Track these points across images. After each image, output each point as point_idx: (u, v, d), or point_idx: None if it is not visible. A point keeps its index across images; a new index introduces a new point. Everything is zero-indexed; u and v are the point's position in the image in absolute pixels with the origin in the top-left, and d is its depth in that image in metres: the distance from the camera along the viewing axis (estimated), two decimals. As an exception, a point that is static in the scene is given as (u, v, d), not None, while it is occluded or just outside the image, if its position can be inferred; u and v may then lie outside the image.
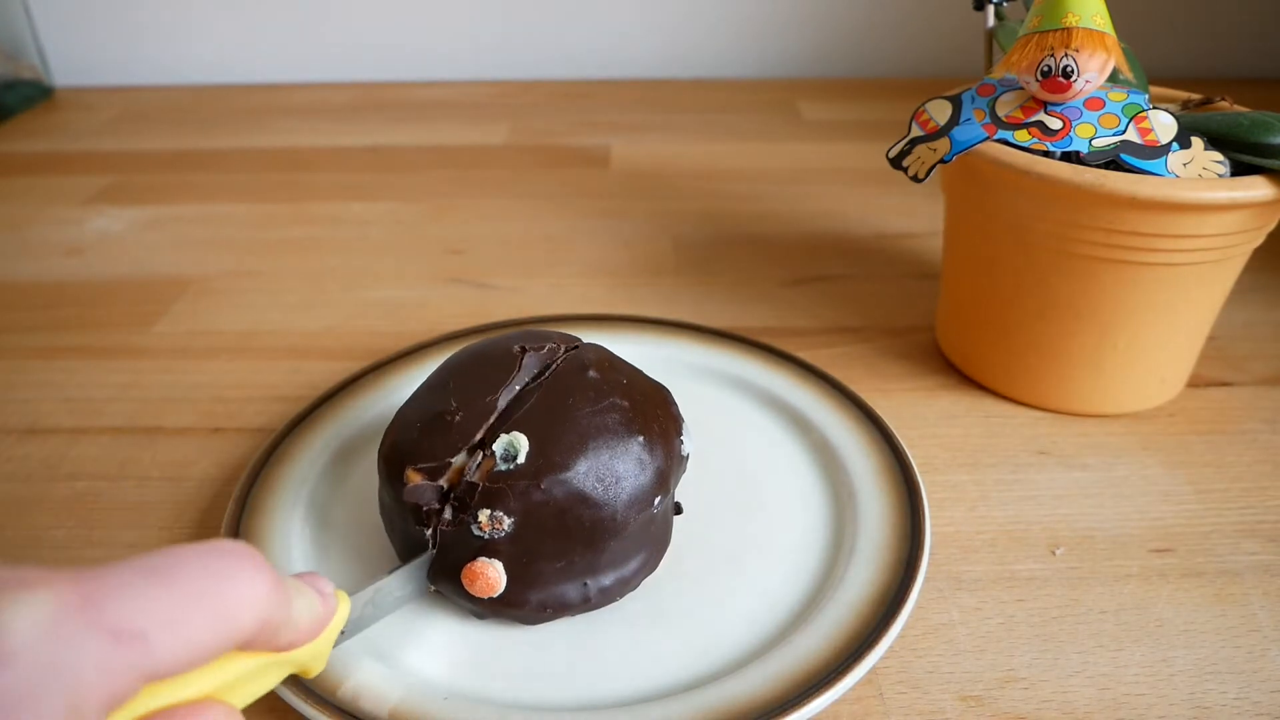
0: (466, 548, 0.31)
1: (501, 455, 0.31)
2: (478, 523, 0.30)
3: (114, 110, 0.90)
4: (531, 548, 0.31)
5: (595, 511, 0.31)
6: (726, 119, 0.87)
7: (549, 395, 0.32)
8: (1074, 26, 0.37)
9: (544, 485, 0.30)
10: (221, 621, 0.21)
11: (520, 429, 0.31)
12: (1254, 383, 0.48)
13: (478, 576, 0.30)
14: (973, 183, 0.43)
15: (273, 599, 0.22)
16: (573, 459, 0.31)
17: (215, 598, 0.20)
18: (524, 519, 0.30)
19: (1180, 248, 0.39)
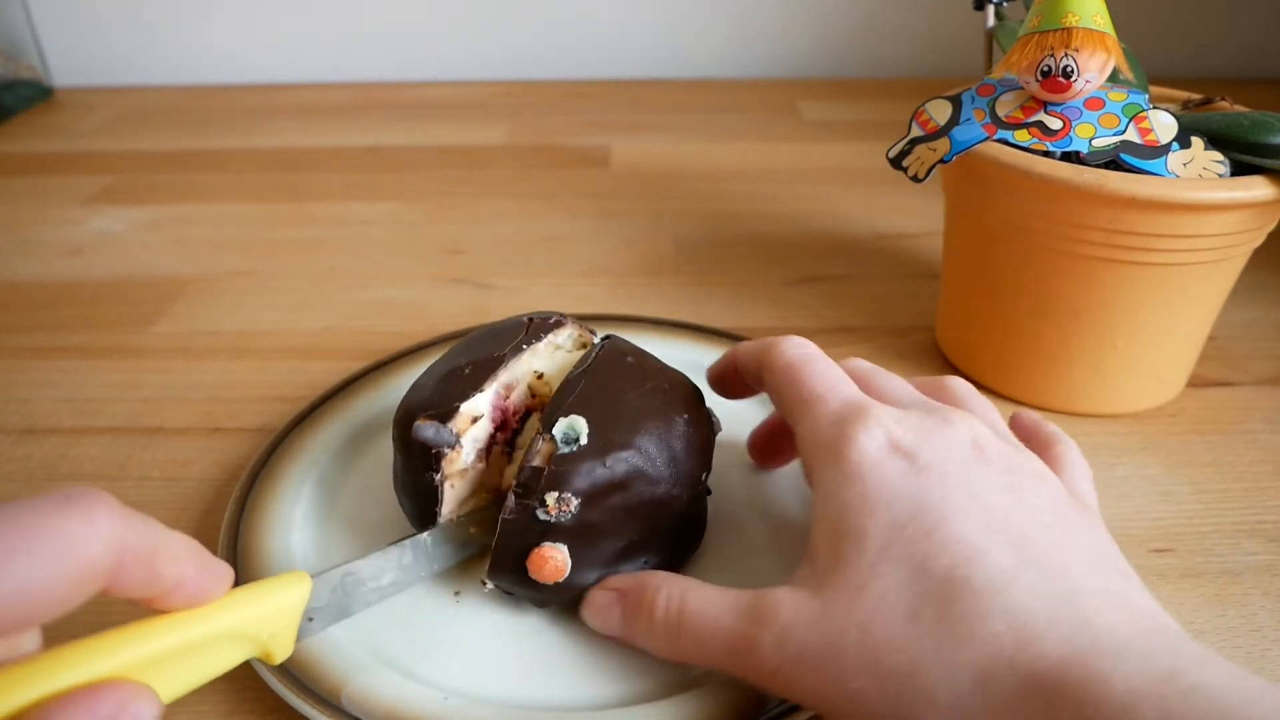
0: (529, 535, 0.31)
1: (562, 438, 0.31)
2: (545, 506, 0.30)
3: (114, 110, 0.90)
4: (595, 528, 0.31)
5: (655, 488, 0.31)
6: (726, 119, 0.87)
7: (596, 381, 0.33)
8: (1074, 26, 0.37)
9: (608, 463, 0.30)
10: (61, 552, 0.19)
11: (575, 414, 0.31)
12: (1254, 383, 0.48)
13: (546, 561, 0.30)
14: (973, 183, 0.43)
15: (125, 524, 0.20)
16: (632, 437, 0.31)
17: (48, 531, 0.19)
18: (588, 499, 0.30)
19: (1180, 248, 0.39)
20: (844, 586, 0.25)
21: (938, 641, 0.24)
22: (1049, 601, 0.24)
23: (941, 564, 0.25)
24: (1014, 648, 0.23)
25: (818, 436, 0.29)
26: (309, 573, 0.28)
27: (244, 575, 0.34)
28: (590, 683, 0.31)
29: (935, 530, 0.25)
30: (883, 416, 0.28)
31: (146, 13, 0.94)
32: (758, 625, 0.26)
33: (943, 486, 0.26)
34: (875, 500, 0.26)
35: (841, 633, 0.25)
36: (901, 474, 0.27)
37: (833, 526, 0.27)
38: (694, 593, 0.28)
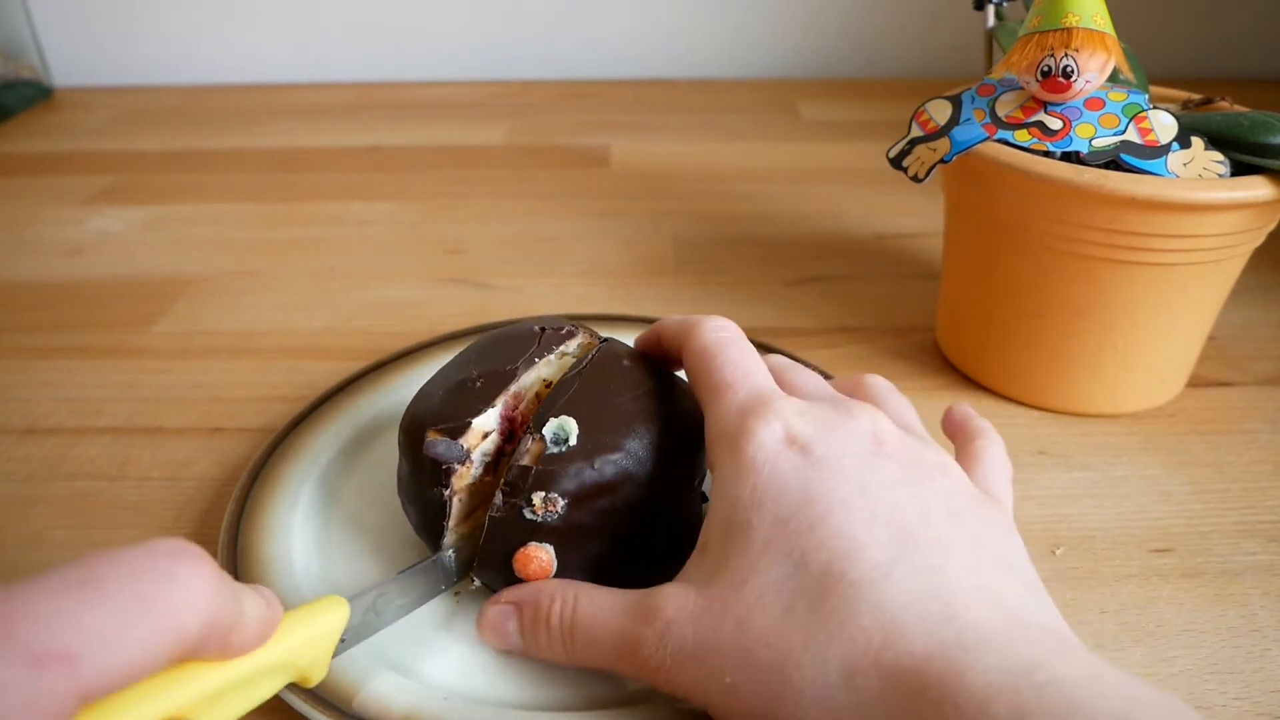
0: (515, 534, 0.31)
1: (552, 439, 0.31)
2: (531, 506, 0.30)
3: (114, 110, 0.90)
4: (582, 529, 0.31)
5: (643, 492, 0.31)
6: (726, 119, 0.87)
7: (590, 383, 0.32)
8: (1074, 26, 0.37)
9: (596, 465, 0.30)
10: (163, 629, 0.19)
11: (566, 414, 0.31)
12: (1254, 383, 0.48)
13: (530, 560, 0.30)
14: (973, 183, 0.43)
15: (218, 598, 0.20)
16: (621, 440, 0.31)
17: (153, 603, 0.19)
18: (575, 501, 0.30)
19: (1180, 248, 0.39)
20: (727, 581, 0.26)
21: (807, 636, 0.24)
22: (919, 597, 0.23)
23: (820, 559, 0.25)
24: (880, 643, 0.23)
25: (721, 428, 0.29)
26: (345, 596, 0.28)
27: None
28: (590, 682, 0.31)
29: (818, 525, 0.25)
30: (784, 409, 0.28)
31: (146, 13, 0.94)
32: (642, 623, 0.27)
33: (833, 480, 0.26)
34: (765, 494, 0.26)
35: (718, 627, 0.25)
36: (795, 468, 0.26)
37: (723, 520, 0.27)
38: (585, 596, 0.28)
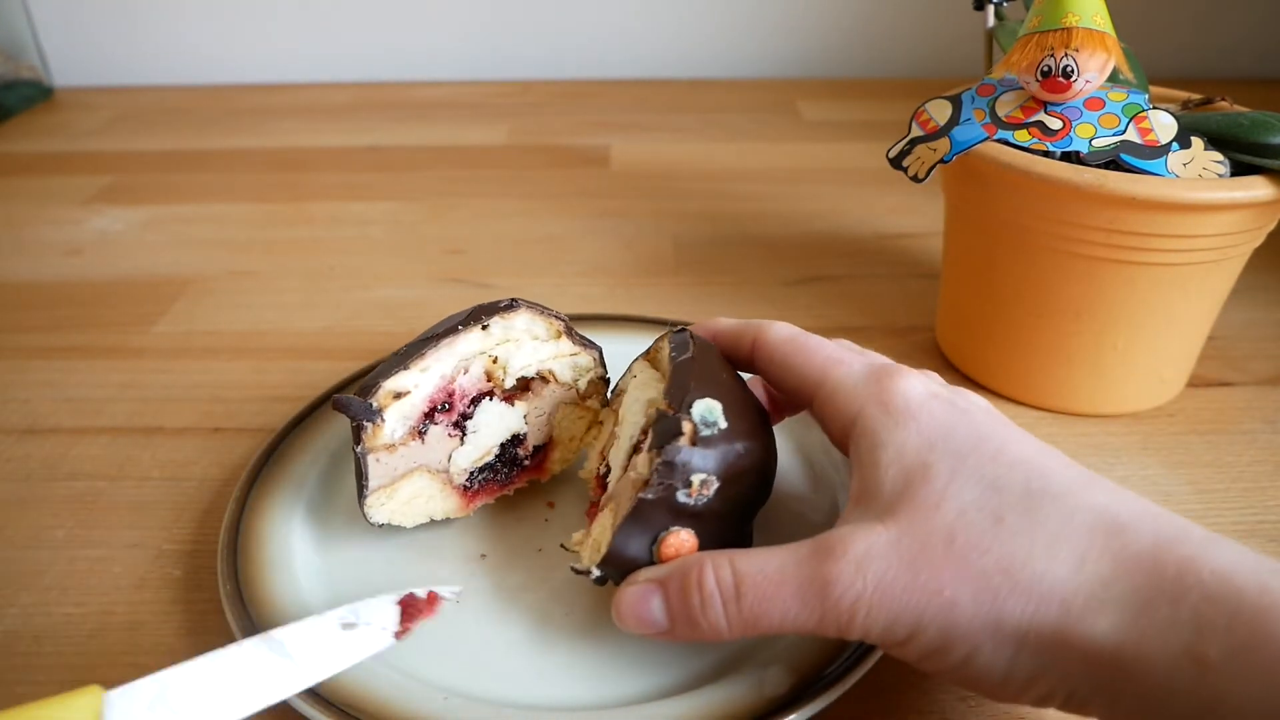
0: (660, 518, 0.29)
1: (701, 420, 0.30)
2: (689, 488, 0.29)
3: (114, 110, 0.90)
4: (715, 516, 0.30)
5: (765, 478, 0.32)
6: (726, 119, 0.87)
7: (704, 369, 0.32)
8: (1074, 26, 0.37)
9: (741, 450, 0.30)
10: None
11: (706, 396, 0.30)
12: (1254, 383, 0.48)
13: (684, 545, 0.29)
14: (973, 183, 0.43)
15: None
16: (750, 426, 0.31)
17: None
18: (722, 485, 0.30)
19: (1180, 248, 0.39)
20: (919, 508, 0.26)
21: (1029, 539, 0.24)
22: (1125, 502, 0.25)
23: (1016, 479, 0.26)
24: (1105, 536, 0.24)
25: (853, 392, 0.30)
26: (105, 686, 0.24)
27: (244, 575, 0.34)
28: (590, 682, 0.31)
29: (1000, 454, 0.26)
30: (907, 369, 0.30)
31: (146, 13, 0.94)
32: (830, 561, 0.26)
33: (988, 421, 0.28)
34: (933, 435, 0.27)
35: (925, 546, 0.25)
36: (949, 413, 0.28)
37: (891, 464, 0.27)
38: (741, 556, 0.28)
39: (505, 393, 0.36)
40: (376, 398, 0.33)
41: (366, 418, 0.33)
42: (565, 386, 0.37)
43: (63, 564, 0.37)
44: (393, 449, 0.34)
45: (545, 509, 0.38)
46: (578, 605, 0.34)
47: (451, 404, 0.35)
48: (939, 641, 0.25)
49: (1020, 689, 0.25)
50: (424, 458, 0.35)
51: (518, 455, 0.37)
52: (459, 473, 0.36)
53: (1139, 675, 0.22)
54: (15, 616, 0.34)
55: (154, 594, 0.36)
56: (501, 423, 0.36)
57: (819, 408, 0.31)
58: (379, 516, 0.34)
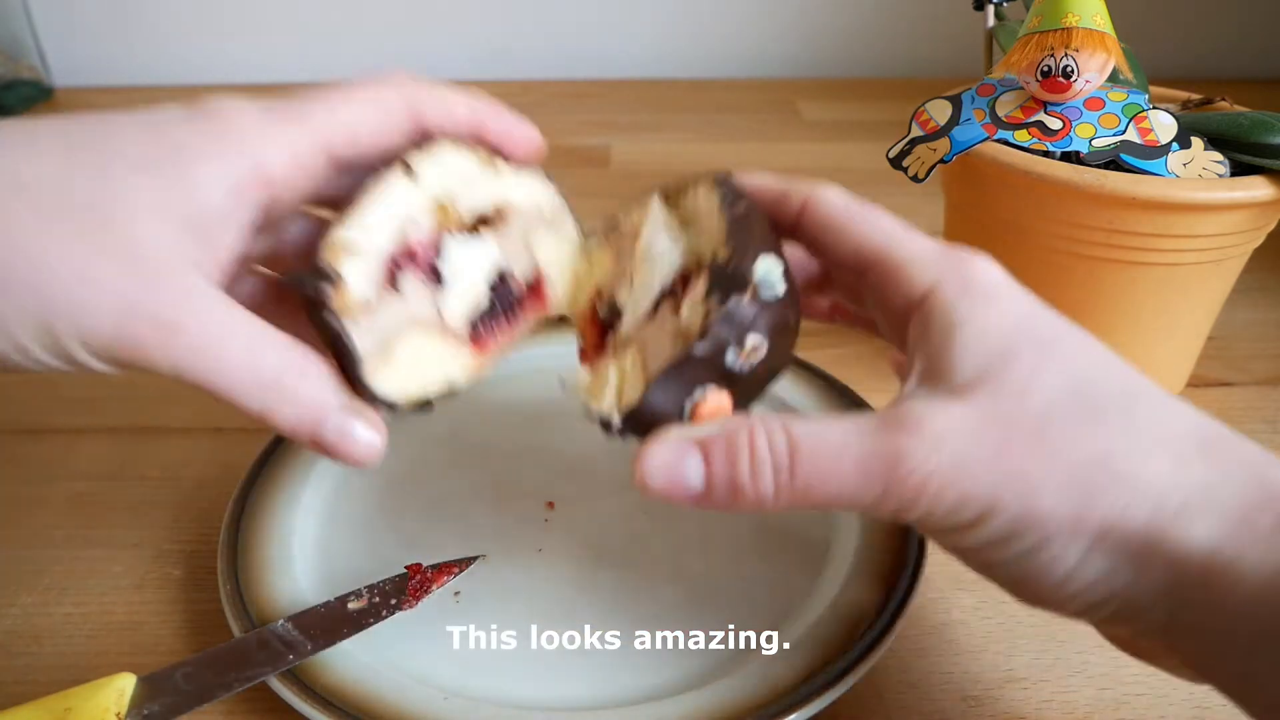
0: (697, 377, 0.27)
1: (763, 280, 0.27)
2: (741, 349, 0.27)
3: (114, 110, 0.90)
4: (752, 384, 0.28)
5: (792, 356, 0.31)
6: (726, 119, 0.87)
7: (762, 224, 0.29)
8: (1074, 26, 0.37)
9: (791, 320, 0.28)
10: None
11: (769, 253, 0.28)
12: (1254, 383, 0.48)
13: (723, 408, 0.27)
14: (973, 183, 0.43)
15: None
16: (795, 296, 0.28)
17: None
18: (768, 353, 0.27)
19: (1180, 248, 0.39)
20: (1002, 393, 0.24)
21: (1128, 433, 0.23)
22: (1214, 420, 0.24)
23: (1110, 375, 0.24)
24: (1206, 443, 0.23)
25: (927, 265, 0.27)
26: (142, 674, 0.29)
27: (244, 575, 0.34)
28: (590, 682, 0.31)
29: (1088, 350, 0.25)
30: (985, 256, 0.28)
31: (146, 13, 0.94)
32: (902, 433, 0.24)
33: (1066, 320, 0.26)
34: (1018, 319, 0.25)
35: (1012, 429, 0.23)
36: (1030, 301, 0.26)
37: (971, 345, 0.25)
38: (798, 421, 0.25)
39: (468, 228, 0.32)
40: (323, 257, 0.28)
41: (322, 279, 0.27)
42: (530, 214, 0.34)
43: (63, 564, 0.37)
44: (370, 308, 0.28)
45: (545, 509, 0.38)
46: (578, 605, 0.34)
47: (414, 254, 0.30)
48: (1008, 528, 0.23)
49: (1075, 592, 0.23)
50: (409, 312, 0.30)
51: (511, 292, 0.33)
52: (456, 318, 0.31)
53: (1225, 587, 0.21)
54: (15, 616, 0.35)
55: (154, 594, 0.36)
56: (479, 261, 0.32)
57: (880, 280, 0.28)
58: (385, 387, 0.28)
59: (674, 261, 0.30)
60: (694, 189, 0.32)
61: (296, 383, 0.26)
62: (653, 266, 0.31)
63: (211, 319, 0.25)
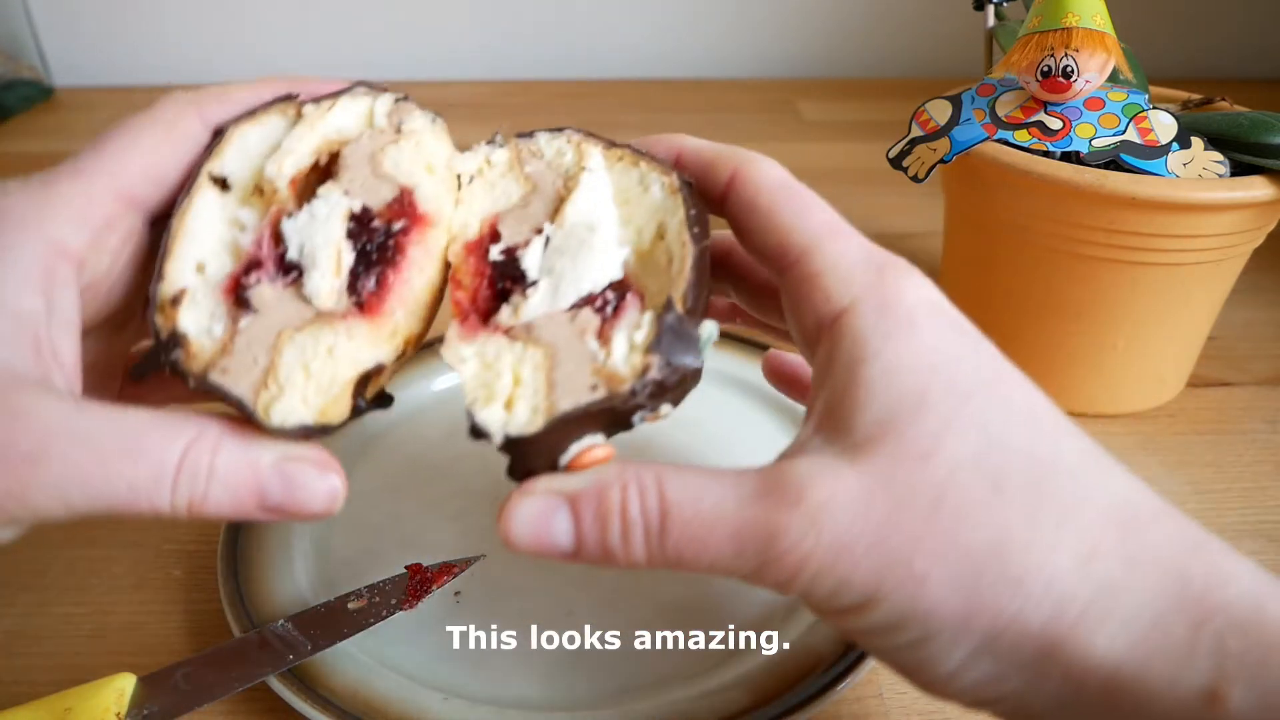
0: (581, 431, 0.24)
1: (703, 345, 0.25)
2: (656, 414, 0.24)
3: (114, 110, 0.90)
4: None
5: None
6: (726, 119, 0.87)
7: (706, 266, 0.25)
8: (1074, 26, 0.37)
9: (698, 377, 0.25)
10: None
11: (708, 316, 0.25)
12: (1254, 383, 0.48)
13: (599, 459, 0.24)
14: (973, 183, 0.43)
15: None
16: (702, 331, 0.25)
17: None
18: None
19: (1180, 248, 0.39)
20: (900, 455, 0.21)
21: (1032, 516, 0.20)
22: (1141, 492, 0.22)
23: (1024, 438, 0.22)
24: (1120, 530, 0.21)
25: (848, 276, 0.24)
26: (141, 674, 0.29)
27: (244, 576, 0.34)
28: (590, 682, 0.31)
29: (1010, 402, 0.22)
30: (915, 270, 0.25)
31: (147, 13, 0.94)
32: (780, 507, 0.21)
33: (997, 357, 0.24)
34: (936, 357, 0.22)
35: (903, 505, 0.21)
36: (959, 335, 0.23)
37: (878, 387, 0.22)
38: (673, 479, 0.22)
39: (299, 195, 0.27)
40: (156, 323, 0.24)
41: (169, 350, 0.23)
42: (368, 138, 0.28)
43: (63, 564, 0.37)
44: (227, 347, 0.24)
45: (545, 509, 0.38)
46: (578, 605, 0.34)
47: (258, 260, 0.25)
48: (890, 619, 0.21)
49: (963, 689, 0.21)
50: (274, 321, 0.25)
51: (377, 228, 0.26)
52: (328, 296, 0.25)
53: (1131, 703, 0.19)
54: (15, 616, 0.34)
55: (154, 594, 0.36)
56: (327, 221, 0.26)
57: (797, 284, 0.25)
58: (293, 416, 0.24)
59: (615, 262, 0.26)
60: (648, 174, 0.28)
61: (209, 459, 0.22)
62: (589, 254, 0.26)
63: (73, 431, 0.21)
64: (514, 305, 0.25)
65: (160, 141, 0.26)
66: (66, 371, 0.23)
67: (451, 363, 0.25)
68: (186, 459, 0.22)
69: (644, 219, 0.27)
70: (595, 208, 0.27)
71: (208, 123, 0.27)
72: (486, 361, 0.25)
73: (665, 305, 0.24)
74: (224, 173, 0.26)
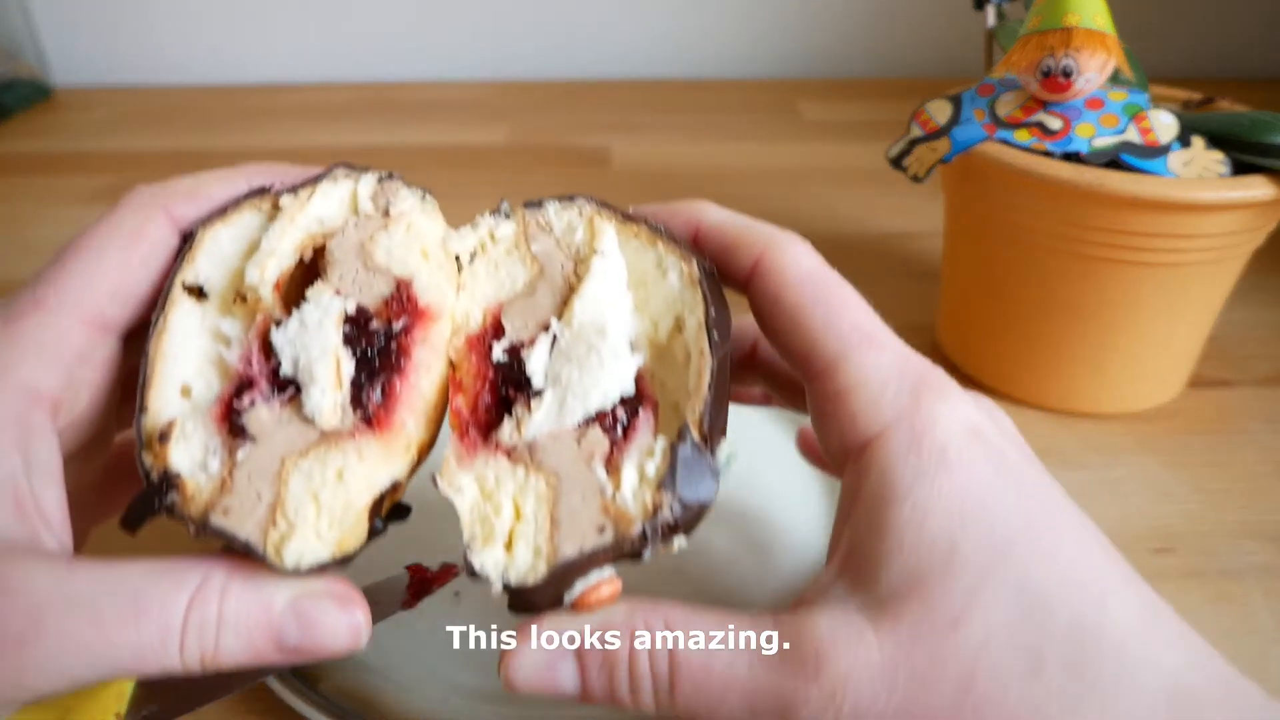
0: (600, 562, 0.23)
1: (720, 471, 0.23)
2: (669, 548, 0.22)
3: (113, 110, 0.90)
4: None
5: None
6: (726, 119, 0.87)
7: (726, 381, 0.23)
8: (1074, 26, 0.37)
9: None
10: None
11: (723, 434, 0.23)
12: (1254, 383, 0.48)
13: (607, 596, 0.23)
14: (973, 183, 0.43)
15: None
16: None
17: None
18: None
19: (1180, 248, 0.39)
20: (928, 620, 0.19)
21: (1070, 706, 0.18)
22: (1194, 658, 0.19)
23: (1066, 601, 0.19)
24: (1179, 699, 0.19)
25: (878, 398, 0.22)
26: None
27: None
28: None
29: (1053, 556, 0.20)
30: (953, 386, 0.22)
31: (147, 12, 0.94)
32: (799, 676, 0.20)
33: (1040, 492, 0.21)
34: (970, 503, 0.20)
35: (929, 686, 0.19)
36: (997, 468, 0.21)
37: (906, 536, 0.20)
38: (683, 630, 0.21)
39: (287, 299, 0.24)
40: (145, 463, 0.22)
41: (162, 493, 0.21)
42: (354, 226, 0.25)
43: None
44: (226, 483, 0.22)
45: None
46: (578, 605, 0.34)
47: (249, 379, 0.23)
48: None
49: None
50: (275, 448, 0.23)
51: (376, 330, 0.24)
52: (330, 414, 0.23)
53: None
54: (15, 616, 0.34)
55: (154, 594, 0.35)
56: (318, 322, 0.24)
57: (823, 399, 0.23)
58: (309, 555, 0.22)
59: (626, 375, 0.24)
60: (666, 257, 0.25)
61: (216, 608, 0.20)
62: (598, 364, 0.24)
63: (67, 599, 0.19)
64: (517, 419, 0.24)
65: (127, 255, 0.24)
66: (54, 526, 0.21)
67: (448, 494, 0.23)
68: (192, 612, 0.20)
69: (660, 308, 0.25)
70: (606, 305, 0.24)
71: (178, 223, 0.25)
72: (486, 490, 0.23)
73: (680, 433, 0.22)
74: (198, 281, 0.24)
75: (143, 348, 0.23)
